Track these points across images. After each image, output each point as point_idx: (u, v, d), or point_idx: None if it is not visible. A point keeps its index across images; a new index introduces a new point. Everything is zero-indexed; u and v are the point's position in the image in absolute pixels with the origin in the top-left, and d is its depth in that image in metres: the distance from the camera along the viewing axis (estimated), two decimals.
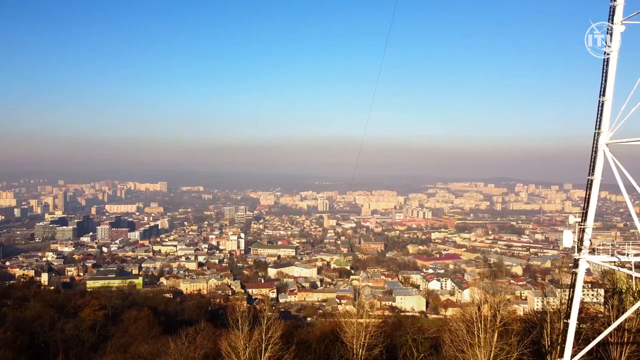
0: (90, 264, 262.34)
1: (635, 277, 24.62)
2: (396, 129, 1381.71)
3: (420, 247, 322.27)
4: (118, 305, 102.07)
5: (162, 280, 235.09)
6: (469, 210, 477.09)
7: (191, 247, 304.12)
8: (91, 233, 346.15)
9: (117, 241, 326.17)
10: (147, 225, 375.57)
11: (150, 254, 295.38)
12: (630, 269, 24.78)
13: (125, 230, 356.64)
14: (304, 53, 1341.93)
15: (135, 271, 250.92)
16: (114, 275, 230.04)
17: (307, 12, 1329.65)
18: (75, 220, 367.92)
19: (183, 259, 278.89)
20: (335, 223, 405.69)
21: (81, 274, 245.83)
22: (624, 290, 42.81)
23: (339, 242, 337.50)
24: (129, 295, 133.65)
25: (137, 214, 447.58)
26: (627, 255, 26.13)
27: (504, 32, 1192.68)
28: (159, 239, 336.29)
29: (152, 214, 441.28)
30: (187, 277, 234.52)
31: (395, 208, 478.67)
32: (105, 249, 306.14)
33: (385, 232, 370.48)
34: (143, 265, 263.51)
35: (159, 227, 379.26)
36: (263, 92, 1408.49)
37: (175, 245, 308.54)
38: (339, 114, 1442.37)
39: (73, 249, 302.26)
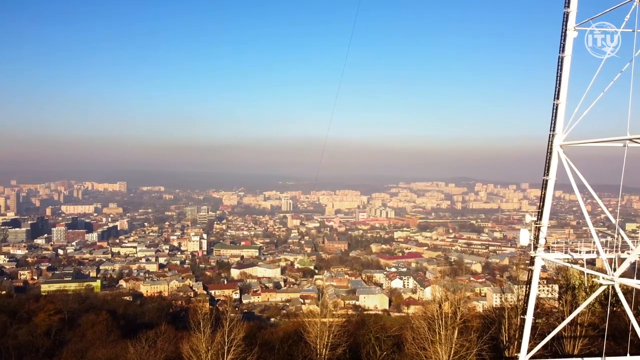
0: (44, 267, 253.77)
1: (587, 274, 25.53)
2: (359, 129, 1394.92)
3: (383, 246, 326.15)
4: (75, 309, 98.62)
5: (122, 282, 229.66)
6: (431, 209, 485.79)
7: (152, 249, 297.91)
8: (46, 235, 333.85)
9: (73, 243, 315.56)
10: (105, 227, 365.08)
11: (109, 255, 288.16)
12: (583, 265, 25.69)
13: (83, 231, 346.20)
14: (272, 53, 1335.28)
15: (93, 274, 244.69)
16: (70, 278, 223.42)
17: (280, 11, 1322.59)
18: (29, 222, 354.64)
19: (143, 260, 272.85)
20: (299, 223, 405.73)
21: (35, 277, 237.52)
22: (576, 286, 44.66)
23: (302, 242, 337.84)
24: (87, 298, 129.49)
25: (95, 214, 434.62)
26: (580, 252, 27.13)
27: (477, 31, 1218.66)
28: (117, 241, 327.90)
29: (111, 215, 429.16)
30: (147, 279, 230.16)
31: (359, 207, 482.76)
32: (61, 251, 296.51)
33: (349, 232, 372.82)
34: (101, 267, 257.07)
35: (118, 228, 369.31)
36: (226, 93, 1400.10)
37: (135, 247, 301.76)
38: (303, 114, 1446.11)
39: (26, 251, 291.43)
